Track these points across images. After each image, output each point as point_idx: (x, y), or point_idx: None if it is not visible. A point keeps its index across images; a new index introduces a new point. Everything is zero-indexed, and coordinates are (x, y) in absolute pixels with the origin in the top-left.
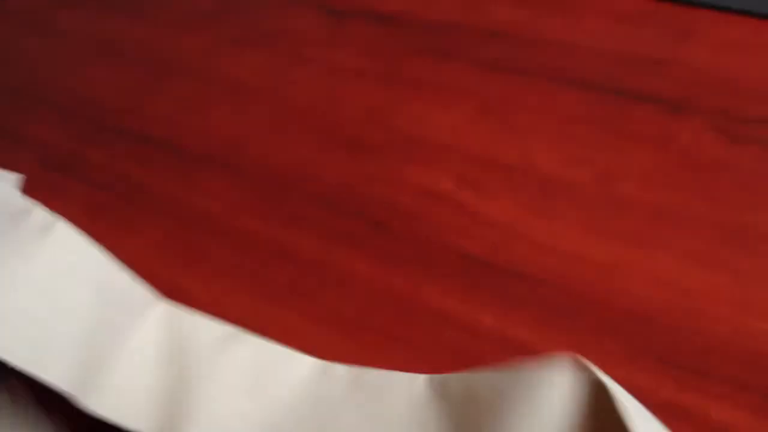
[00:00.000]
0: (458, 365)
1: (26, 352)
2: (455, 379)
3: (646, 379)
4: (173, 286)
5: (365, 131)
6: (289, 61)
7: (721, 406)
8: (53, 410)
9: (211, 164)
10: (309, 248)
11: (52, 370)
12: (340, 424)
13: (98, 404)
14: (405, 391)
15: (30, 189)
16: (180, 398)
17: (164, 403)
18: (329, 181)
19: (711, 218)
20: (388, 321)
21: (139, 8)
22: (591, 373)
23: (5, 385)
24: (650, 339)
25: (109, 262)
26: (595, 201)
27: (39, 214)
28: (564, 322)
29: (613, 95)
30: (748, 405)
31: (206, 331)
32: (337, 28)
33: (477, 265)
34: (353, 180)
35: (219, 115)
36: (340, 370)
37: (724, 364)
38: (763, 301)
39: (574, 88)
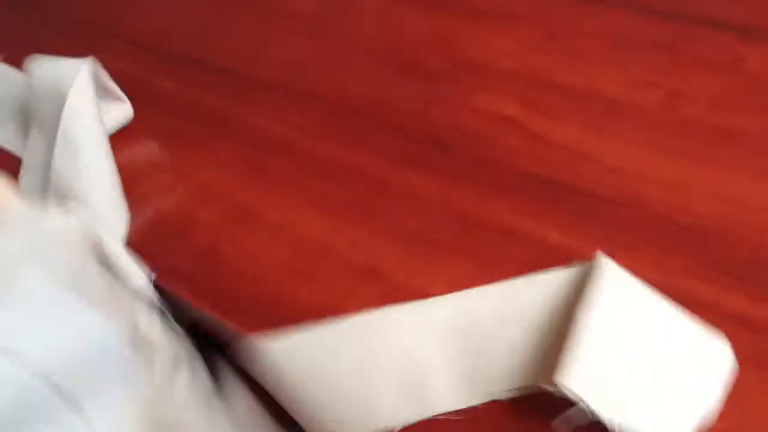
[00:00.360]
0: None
1: None
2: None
3: (712, 292)
4: (246, 204)
5: (430, 57)
6: None
7: None
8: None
9: (281, 91)
10: (375, 167)
11: None
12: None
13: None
14: (541, 289)
15: None
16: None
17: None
18: (394, 105)
19: None
20: (453, 236)
21: None
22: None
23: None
24: (716, 254)
25: None
26: (661, 123)
27: None
28: (629, 238)
29: (681, 21)
30: None
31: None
32: None
33: (543, 183)
34: (418, 104)
35: (286, 45)
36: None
37: None
38: None
39: (640, 13)
